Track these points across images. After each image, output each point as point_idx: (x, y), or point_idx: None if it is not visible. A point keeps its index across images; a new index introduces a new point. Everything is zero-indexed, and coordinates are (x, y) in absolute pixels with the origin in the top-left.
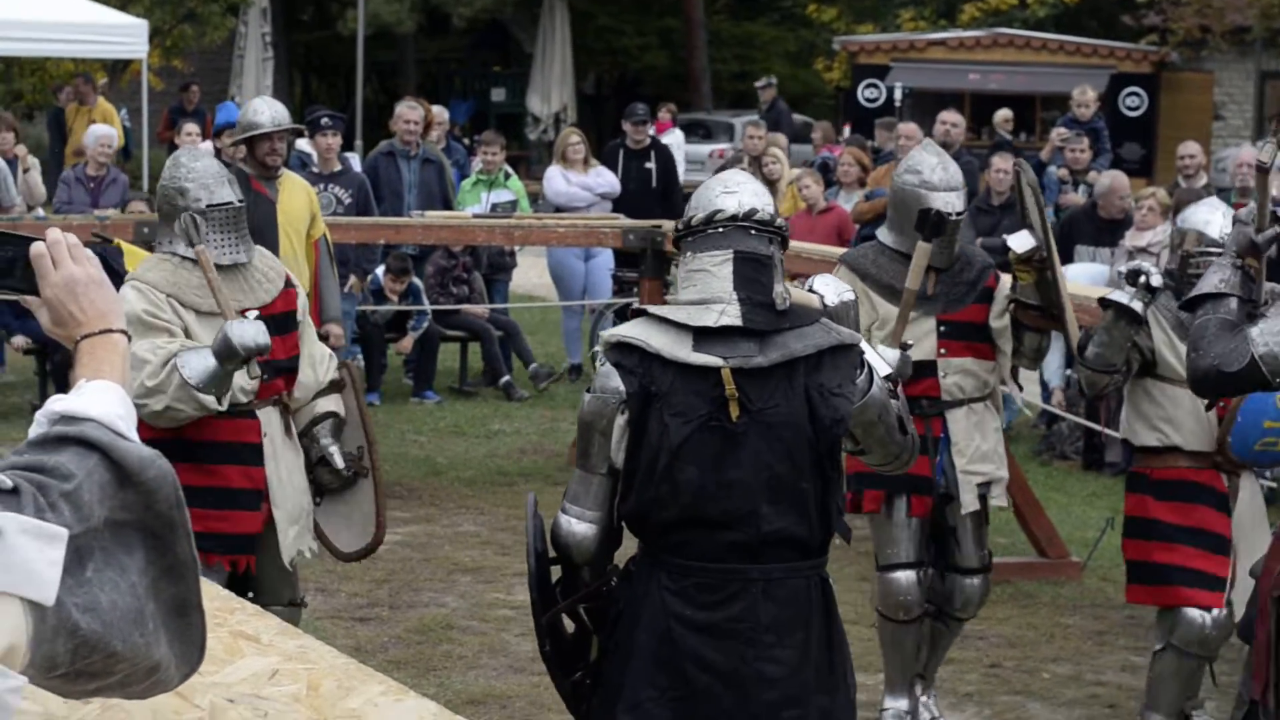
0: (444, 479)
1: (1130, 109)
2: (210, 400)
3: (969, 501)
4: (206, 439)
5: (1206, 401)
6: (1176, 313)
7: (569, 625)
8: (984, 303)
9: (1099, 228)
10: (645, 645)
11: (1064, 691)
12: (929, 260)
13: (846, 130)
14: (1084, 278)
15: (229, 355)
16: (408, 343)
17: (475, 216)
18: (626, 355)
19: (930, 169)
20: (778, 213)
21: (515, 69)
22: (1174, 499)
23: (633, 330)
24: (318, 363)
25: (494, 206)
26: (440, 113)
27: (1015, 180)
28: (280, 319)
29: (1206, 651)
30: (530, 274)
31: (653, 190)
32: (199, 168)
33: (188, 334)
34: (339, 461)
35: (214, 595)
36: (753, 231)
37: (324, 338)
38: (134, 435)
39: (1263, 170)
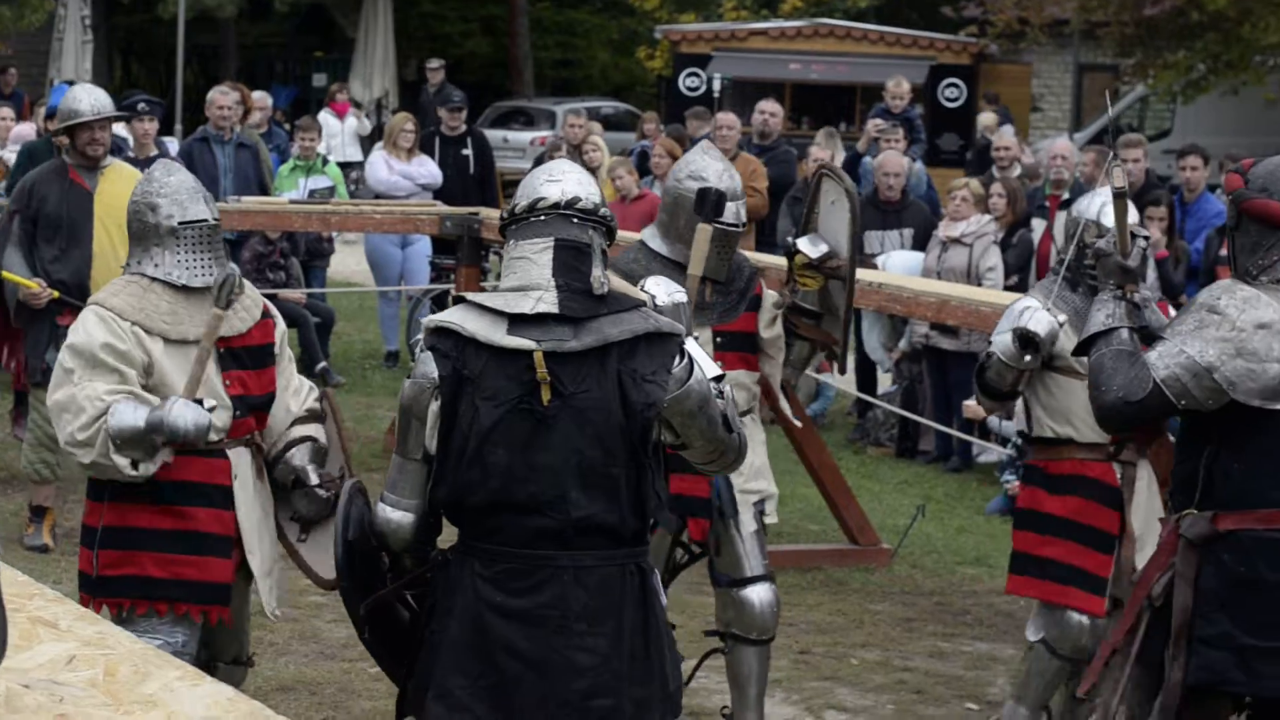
0: None
1: (949, 100)
2: (124, 463)
3: (748, 520)
4: (175, 479)
5: None
6: (1074, 303)
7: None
8: (754, 311)
9: (883, 211)
10: (457, 632)
11: (872, 677)
12: (716, 273)
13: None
14: (900, 268)
15: (158, 430)
16: None
17: (292, 202)
18: (443, 340)
19: (717, 175)
20: (603, 201)
21: (337, 54)
22: (1066, 493)
23: (451, 315)
24: (294, 394)
25: (312, 192)
26: (263, 98)
27: (815, 182)
28: (256, 351)
29: (1080, 656)
30: (348, 260)
31: (470, 177)
32: (173, 182)
33: (150, 368)
34: (313, 478)
35: (11, 580)
36: (574, 220)
37: None
38: None
39: (1119, 195)
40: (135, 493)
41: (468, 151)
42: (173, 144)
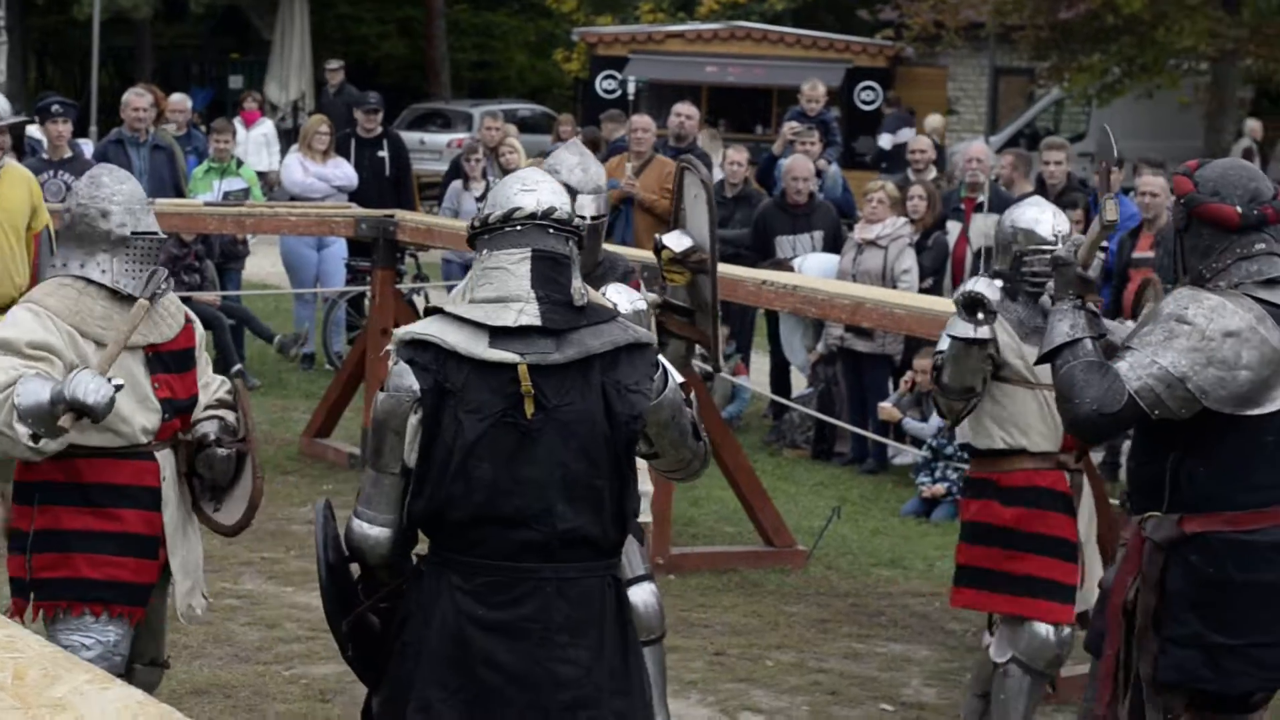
0: None
1: (865, 103)
2: (24, 432)
3: None
4: (105, 481)
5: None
6: (1017, 312)
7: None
8: None
9: (791, 215)
10: (435, 645)
11: (787, 679)
12: None
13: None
14: (815, 271)
15: (58, 399)
16: None
17: (206, 204)
18: (420, 353)
19: (570, 169)
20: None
21: (253, 56)
22: (1022, 505)
23: (427, 328)
24: (204, 388)
25: (226, 194)
26: (182, 100)
27: (677, 179)
28: (181, 356)
29: (1053, 668)
30: (264, 263)
31: (386, 180)
32: (125, 191)
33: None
34: (212, 436)
35: None
36: (551, 230)
37: None
38: None
39: (1106, 227)
40: (66, 496)
41: (384, 154)
42: (88, 145)
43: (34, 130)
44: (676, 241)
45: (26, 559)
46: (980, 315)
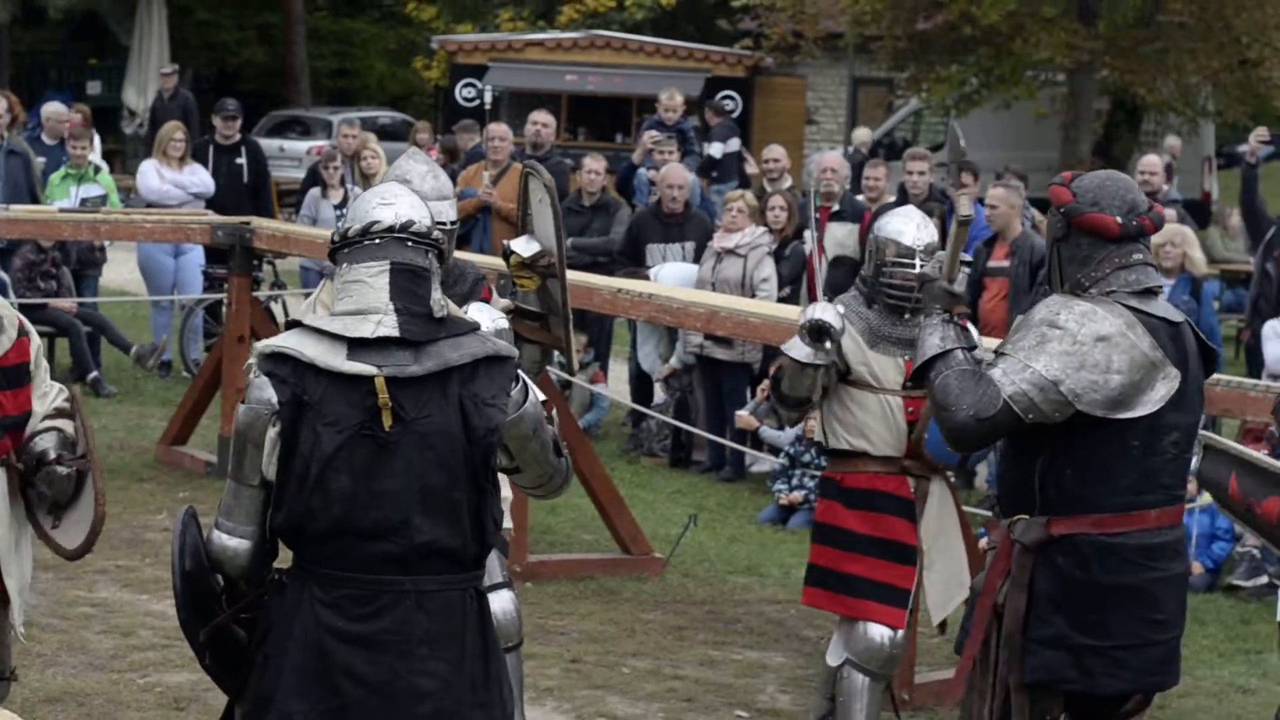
0: None
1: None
2: None
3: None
4: None
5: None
6: (869, 319)
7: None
8: None
9: (665, 224)
10: (296, 657)
11: (643, 685)
12: None
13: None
14: (674, 279)
15: None
16: None
17: (62, 211)
18: (279, 365)
19: (420, 177)
20: (434, 224)
21: (111, 62)
22: (862, 507)
23: (287, 340)
24: (41, 398)
25: (83, 201)
26: (60, 110)
27: (522, 184)
28: (12, 371)
29: (887, 670)
30: (121, 270)
31: (244, 186)
32: None
33: None
34: (52, 454)
35: None
36: (409, 244)
37: None
38: None
39: (963, 224)
40: None
41: (241, 160)
42: None
43: None
44: (524, 246)
45: None
46: (826, 347)
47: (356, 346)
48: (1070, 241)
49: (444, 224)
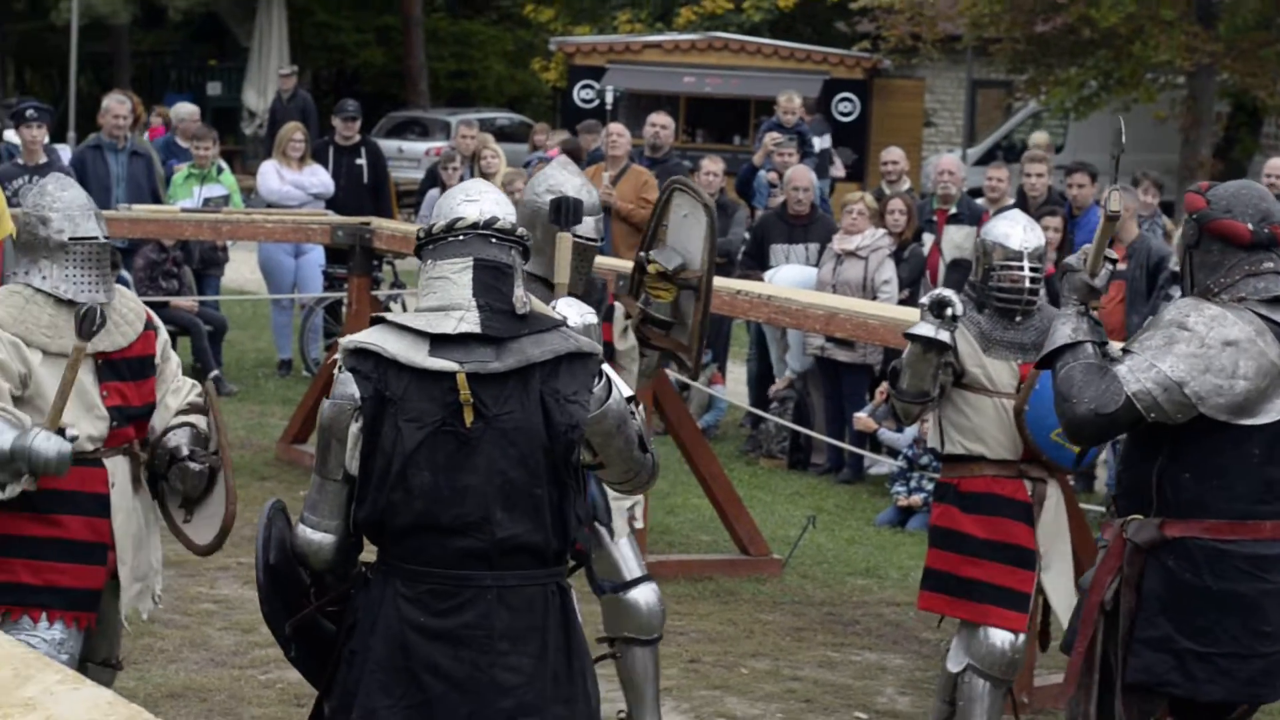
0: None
1: (843, 114)
2: None
3: (620, 528)
4: (48, 486)
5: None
6: (980, 324)
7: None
8: (608, 321)
9: (790, 225)
10: (380, 652)
11: (762, 686)
12: (575, 286)
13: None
14: (789, 282)
15: (22, 459)
16: None
17: (184, 211)
18: (363, 361)
19: (575, 190)
20: (519, 221)
21: (231, 63)
22: (980, 511)
23: (370, 336)
24: (174, 393)
25: (206, 201)
26: (192, 111)
27: (665, 196)
28: (136, 363)
29: (1009, 675)
30: (242, 269)
31: (363, 187)
32: (66, 198)
33: (27, 379)
34: (185, 450)
35: None
36: (493, 240)
37: None
38: None
39: (1111, 219)
40: (10, 501)
41: (361, 161)
42: (65, 151)
43: (10, 135)
44: (667, 259)
45: None
46: (947, 313)
47: (439, 343)
48: (1202, 247)
49: (596, 240)
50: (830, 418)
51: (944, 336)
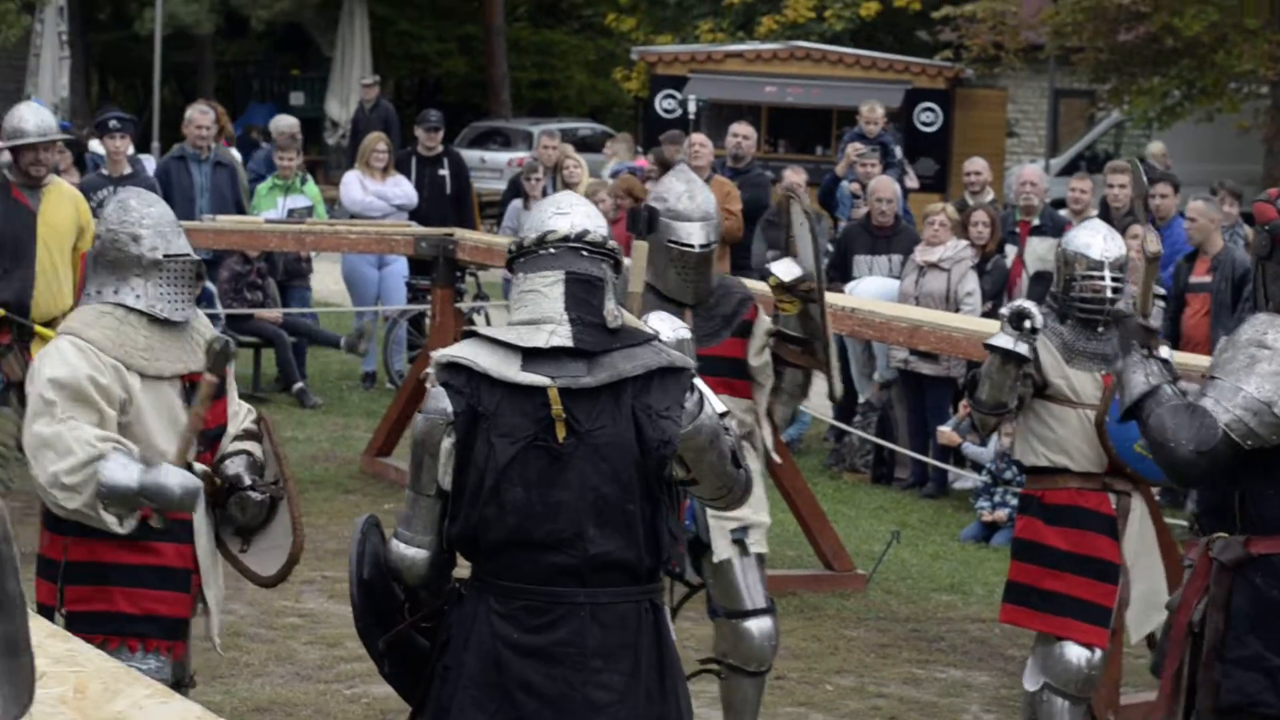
0: None
1: (925, 124)
2: (112, 521)
3: (721, 549)
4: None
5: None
6: (1063, 335)
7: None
8: (742, 337)
9: (873, 236)
10: (473, 669)
11: (846, 703)
12: (682, 296)
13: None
14: (872, 293)
15: (153, 496)
16: None
17: (268, 221)
18: (455, 376)
19: (677, 196)
20: (610, 234)
21: (314, 73)
22: (1064, 524)
23: (462, 350)
24: (232, 417)
25: (290, 212)
26: (291, 124)
27: (785, 207)
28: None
29: (1085, 692)
30: (326, 280)
31: (446, 198)
32: (154, 214)
33: (127, 405)
34: (247, 479)
35: None
36: (584, 253)
37: None
38: None
39: (1152, 260)
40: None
41: (444, 172)
42: (150, 161)
43: (95, 145)
44: (785, 270)
45: (58, 589)
46: (1026, 325)
47: (531, 357)
48: (1275, 259)
49: (691, 246)
50: (914, 431)
51: (1023, 349)
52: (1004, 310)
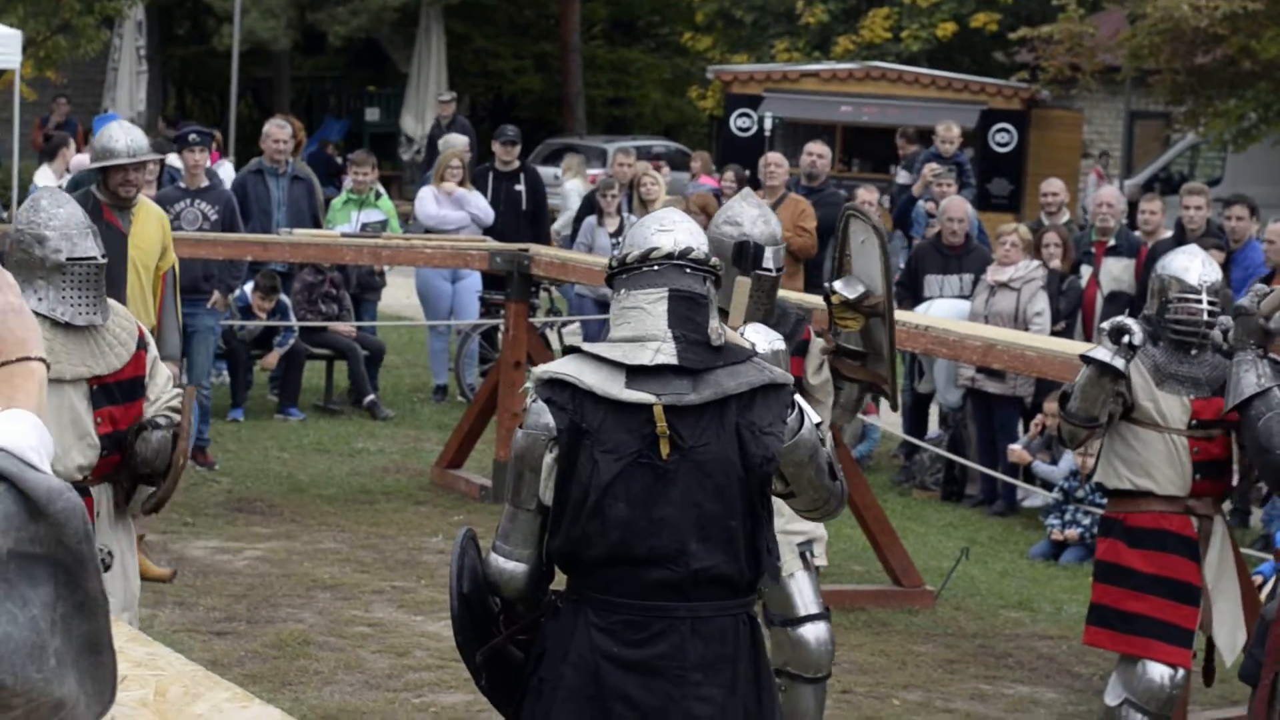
0: (306, 495)
1: (1000, 145)
2: None
3: (790, 562)
4: None
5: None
6: (1155, 357)
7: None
8: (799, 356)
9: (945, 256)
10: (572, 682)
11: (914, 718)
12: (753, 319)
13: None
14: (945, 314)
15: None
16: (273, 358)
17: (344, 235)
18: (558, 392)
19: (751, 221)
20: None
21: (390, 88)
22: (1147, 547)
23: (565, 367)
24: (153, 402)
25: (364, 226)
26: (460, 142)
27: (843, 224)
28: (128, 385)
29: (1166, 711)
30: (399, 294)
31: (522, 213)
32: (62, 215)
33: None
34: (149, 413)
35: None
36: (688, 270)
37: None
38: (46, 467)
39: None
40: None
41: (520, 187)
42: (227, 170)
43: (174, 159)
44: (848, 288)
45: None
46: (1125, 340)
47: (635, 374)
48: None
49: (769, 271)
50: (983, 449)
51: (1119, 363)
52: (1104, 324)
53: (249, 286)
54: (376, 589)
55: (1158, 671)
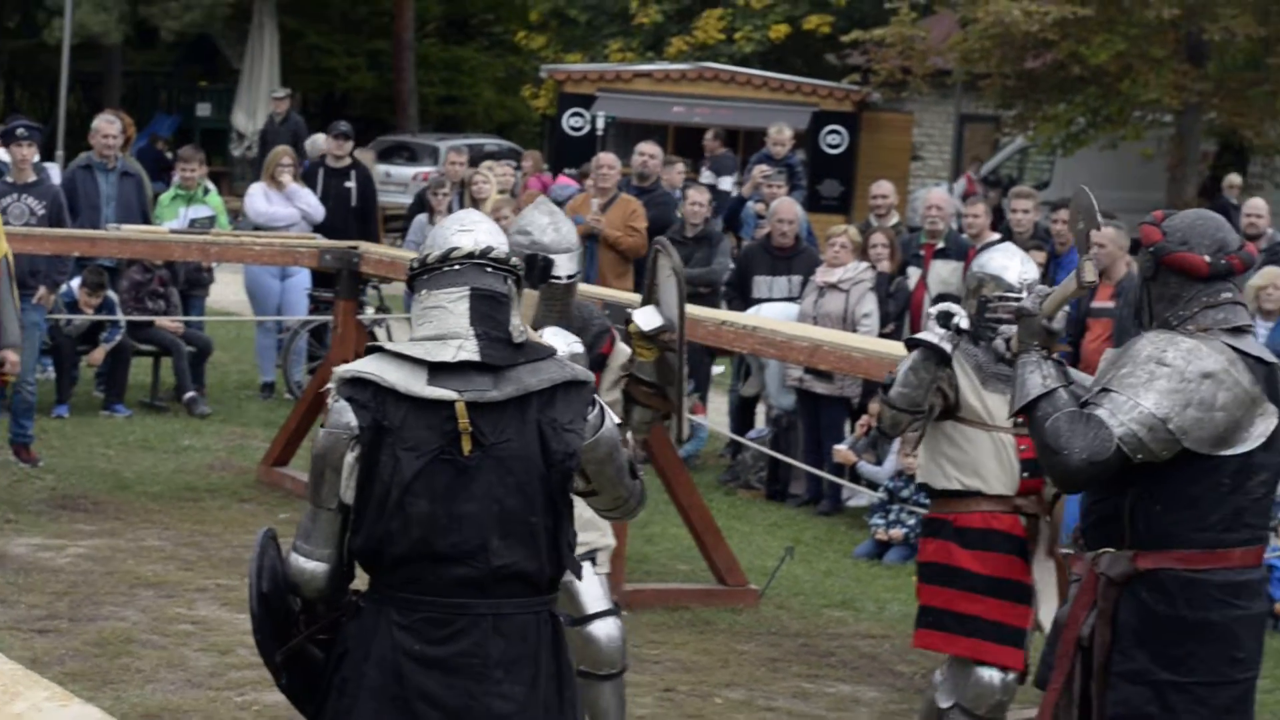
0: (130, 493)
1: (831, 146)
2: None
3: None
4: None
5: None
6: (976, 356)
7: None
8: (597, 370)
9: (774, 257)
10: (374, 680)
11: (736, 716)
12: (546, 325)
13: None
14: (774, 315)
15: None
16: (99, 354)
17: (172, 231)
18: (360, 390)
19: (541, 229)
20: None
21: (222, 84)
22: (978, 547)
23: (367, 365)
24: None
25: (192, 222)
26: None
27: (652, 259)
28: None
29: (997, 715)
30: (227, 291)
31: (351, 210)
32: None
33: None
34: None
35: None
36: (489, 269)
37: None
38: None
39: (1083, 287)
40: None
41: (350, 184)
42: (55, 170)
43: (0, 153)
44: (646, 320)
45: None
46: (953, 324)
47: (437, 371)
48: (1159, 280)
49: (559, 278)
50: (809, 449)
51: (946, 346)
52: (931, 309)
53: (76, 282)
54: (200, 587)
55: (990, 675)
